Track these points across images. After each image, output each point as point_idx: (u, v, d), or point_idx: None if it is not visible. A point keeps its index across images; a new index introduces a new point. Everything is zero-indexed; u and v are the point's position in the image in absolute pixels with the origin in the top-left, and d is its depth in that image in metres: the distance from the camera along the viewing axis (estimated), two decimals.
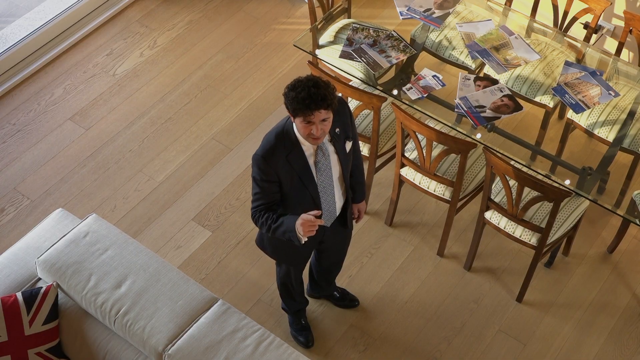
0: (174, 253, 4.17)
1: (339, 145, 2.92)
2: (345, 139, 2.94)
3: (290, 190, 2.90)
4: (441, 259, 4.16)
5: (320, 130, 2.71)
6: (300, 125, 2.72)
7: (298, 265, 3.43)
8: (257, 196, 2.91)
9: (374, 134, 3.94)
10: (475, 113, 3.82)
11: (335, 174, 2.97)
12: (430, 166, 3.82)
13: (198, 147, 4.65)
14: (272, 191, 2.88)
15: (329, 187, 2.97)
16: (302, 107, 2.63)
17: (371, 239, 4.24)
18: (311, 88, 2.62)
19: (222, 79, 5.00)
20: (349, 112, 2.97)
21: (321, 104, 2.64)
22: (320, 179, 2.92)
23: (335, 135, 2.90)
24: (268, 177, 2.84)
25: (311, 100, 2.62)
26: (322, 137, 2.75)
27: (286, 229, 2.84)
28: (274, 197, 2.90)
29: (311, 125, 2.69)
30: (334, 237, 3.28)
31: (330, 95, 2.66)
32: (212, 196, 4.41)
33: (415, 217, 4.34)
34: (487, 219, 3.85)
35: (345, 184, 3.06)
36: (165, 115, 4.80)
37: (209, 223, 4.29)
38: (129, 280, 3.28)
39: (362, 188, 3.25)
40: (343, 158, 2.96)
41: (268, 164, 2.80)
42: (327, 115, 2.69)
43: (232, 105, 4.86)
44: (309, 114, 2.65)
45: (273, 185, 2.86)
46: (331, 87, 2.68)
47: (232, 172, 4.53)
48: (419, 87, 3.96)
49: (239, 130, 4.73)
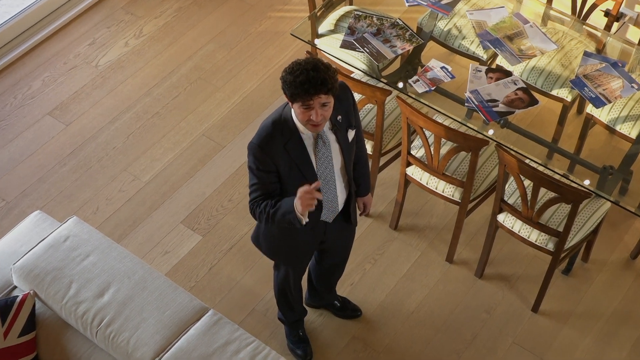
0: (161, 259, 4.17)
1: (340, 134, 2.91)
2: (348, 127, 2.94)
3: (289, 181, 2.90)
4: (450, 266, 4.16)
5: (320, 116, 2.71)
6: (298, 110, 2.71)
7: (296, 265, 3.42)
8: (255, 187, 2.90)
9: (378, 130, 3.93)
10: (487, 107, 3.82)
11: (337, 164, 2.96)
12: (438, 165, 3.82)
13: (187, 144, 4.65)
14: (270, 181, 2.88)
15: (330, 179, 2.96)
16: (300, 91, 2.63)
17: (375, 244, 4.24)
18: (310, 71, 2.62)
19: (214, 70, 5.00)
20: (352, 98, 2.96)
21: (321, 89, 2.64)
22: (321, 169, 2.92)
23: (336, 123, 2.89)
24: (265, 166, 2.84)
25: (310, 84, 2.62)
26: (322, 123, 2.75)
27: (285, 211, 2.83)
28: (272, 187, 2.90)
29: (310, 111, 2.69)
30: (336, 234, 3.26)
31: (331, 78, 2.66)
32: (203, 197, 4.41)
33: (422, 220, 4.33)
34: (500, 222, 3.85)
35: (348, 176, 3.05)
36: (152, 109, 4.80)
37: (199, 226, 4.29)
38: (113, 289, 3.27)
39: (367, 180, 3.24)
40: (345, 148, 2.95)
41: (265, 153, 2.80)
42: (328, 99, 2.69)
43: (225, 99, 4.86)
44: (307, 99, 2.65)
45: (271, 175, 2.86)
46: (332, 70, 2.68)
47: (224, 171, 4.53)
48: (426, 79, 3.95)
49: (232, 126, 4.73)
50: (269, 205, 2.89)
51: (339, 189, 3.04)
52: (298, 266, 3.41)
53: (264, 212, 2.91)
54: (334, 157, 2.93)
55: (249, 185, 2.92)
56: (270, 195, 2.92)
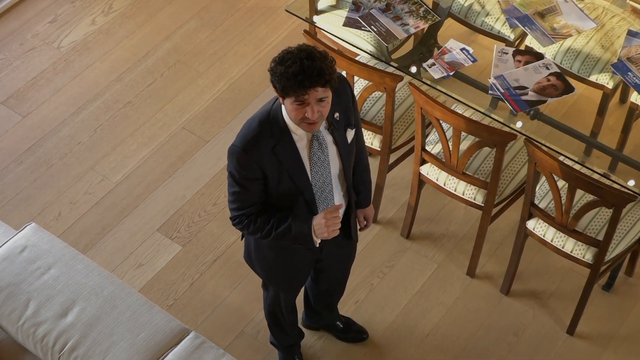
0: (134, 272, 4.17)
1: (338, 134, 2.91)
2: (347, 126, 2.94)
3: (278, 190, 2.89)
4: (472, 280, 4.15)
5: (317, 113, 2.71)
6: (291, 107, 2.71)
7: (291, 292, 3.43)
8: (236, 197, 2.90)
9: (387, 123, 3.93)
10: (514, 96, 3.82)
11: (335, 170, 2.96)
12: (457, 163, 3.81)
13: (165, 138, 4.64)
14: (255, 190, 2.87)
15: (327, 187, 2.96)
16: (293, 84, 2.63)
17: (383, 255, 4.23)
18: (304, 60, 2.62)
19: (195, 52, 4.99)
20: (351, 92, 2.96)
21: (317, 80, 2.63)
22: (316, 176, 2.91)
23: (334, 121, 2.89)
24: (250, 173, 2.83)
25: (304, 75, 2.61)
26: (319, 121, 2.75)
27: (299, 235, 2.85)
28: (258, 198, 2.90)
29: (305, 107, 2.69)
30: (334, 252, 3.28)
31: (329, 68, 2.66)
32: (183, 201, 4.41)
33: (439, 227, 4.33)
34: (530, 229, 3.85)
35: (347, 183, 3.05)
36: (124, 98, 4.80)
37: (178, 235, 4.30)
38: (78, 307, 3.26)
39: (367, 188, 3.25)
40: (344, 150, 2.95)
41: (250, 157, 2.80)
42: (325, 94, 2.69)
43: (208, 87, 4.85)
44: (302, 93, 2.65)
45: (256, 184, 2.86)
46: (329, 59, 2.68)
47: (207, 170, 4.52)
48: (443, 63, 3.95)
49: (217, 118, 4.72)
50: (269, 223, 2.89)
51: (336, 199, 3.04)
52: (292, 291, 3.42)
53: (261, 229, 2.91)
54: (331, 162, 2.93)
55: (229, 193, 2.90)
56: (256, 205, 2.91)
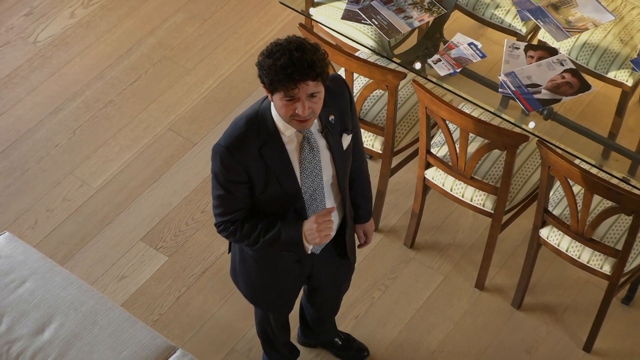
0: (116, 285, 4.17)
1: (333, 138, 2.91)
2: (342, 131, 2.94)
3: (265, 196, 2.89)
4: (481, 293, 4.15)
5: (308, 109, 2.70)
6: (280, 103, 2.70)
7: (277, 312, 3.43)
8: (220, 201, 2.90)
9: (389, 123, 3.92)
10: (526, 94, 3.82)
11: (327, 176, 2.96)
12: (465, 167, 3.81)
13: (149, 140, 4.64)
14: (241, 195, 2.87)
15: (318, 195, 2.95)
16: (282, 78, 2.63)
17: (385, 266, 4.23)
18: (293, 52, 2.62)
19: (183, 48, 4.99)
20: (349, 95, 2.96)
21: (308, 73, 2.63)
22: (306, 182, 2.90)
23: (328, 124, 2.89)
24: (234, 175, 2.83)
25: (294, 68, 2.61)
26: (311, 119, 2.74)
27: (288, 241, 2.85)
28: (244, 202, 2.90)
29: (295, 103, 2.69)
30: (327, 270, 3.26)
31: (320, 61, 2.66)
32: (169, 208, 4.41)
33: (445, 236, 4.33)
34: (544, 238, 3.85)
35: (342, 194, 3.04)
36: (105, 97, 4.80)
37: (164, 244, 4.30)
38: (55, 323, 3.25)
39: (368, 201, 3.24)
40: (338, 156, 2.94)
41: (234, 158, 2.80)
42: (316, 88, 2.68)
43: (196, 85, 4.85)
44: (291, 87, 2.65)
45: (241, 188, 2.86)
46: (321, 51, 2.69)
47: (195, 175, 4.52)
48: (450, 59, 3.97)
49: (206, 118, 4.73)
50: (257, 230, 2.89)
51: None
52: (280, 312, 3.41)
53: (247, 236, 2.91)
54: (323, 167, 2.92)
55: (213, 196, 2.89)
56: (242, 210, 2.89)
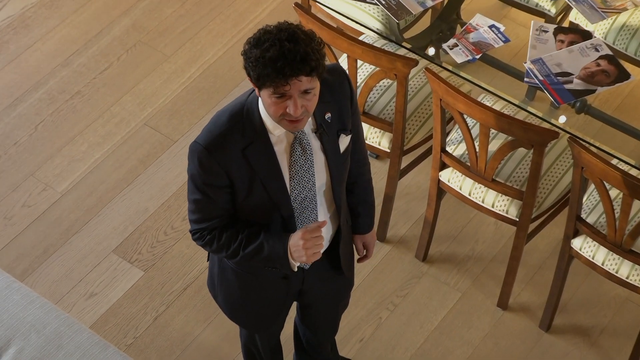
0: (84, 304, 4.17)
1: (328, 139, 2.92)
2: (340, 131, 2.94)
3: (248, 203, 2.90)
4: (504, 313, 4.16)
5: (301, 108, 2.71)
6: (269, 101, 2.71)
7: (261, 332, 3.42)
8: (197, 206, 2.91)
9: (399, 118, 3.92)
10: (556, 84, 3.83)
11: (320, 183, 2.96)
12: (486, 167, 3.82)
13: (122, 137, 4.65)
14: (220, 200, 2.89)
15: (310, 204, 2.96)
16: (271, 72, 2.63)
17: (394, 282, 4.23)
18: (285, 42, 2.63)
19: (160, 31, 5.00)
20: (351, 89, 2.96)
21: (301, 68, 2.64)
22: (296, 189, 2.91)
23: (324, 123, 2.89)
24: (214, 178, 2.85)
25: (285, 61, 2.62)
26: (303, 118, 2.75)
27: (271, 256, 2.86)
28: (223, 210, 2.91)
29: (286, 101, 2.70)
30: (321, 285, 3.27)
31: (315, 53, 2.67)
32: (145, 215, 4.41)
33: (463, 247, 4.33)
34: (576, 249, 3.86)
35: (337, 203, 3.05)
36: (72, 87, 4.81)
37: (139, 257, 4.30)
38: (14, 348, 3.24)
39: (369, 211, 3.26)
40: (334, 160, 2.95)
41: (213, 159, 2.81)
42: (311, 84, 2.69)
43: (176, 73, 4.86)
44: (281, 83, 2.65)
45: (221, 193, 2.87)
46: (316, 40, 2.69)
47: (175, 176, 4.53)
48: (468, 43, 3.97)
49: (187, 112, 4.73)
50: (239, 240, 2.90)
51: (321, 218, 3.04)
52: (262, 330, 3.41)
53: (225, 248, 2.92)
54: (316, 172, 2.92)
55: (189, 200, 2.91)
56: (221, 219, 2.90)
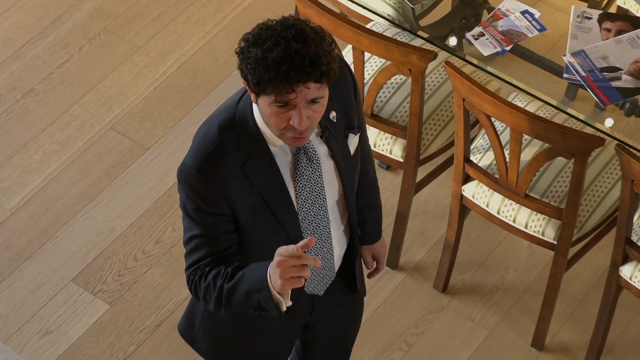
0: (38, 343, 4.16)
1: (336, 142, 2.95)
2: (348, 130, 2.99)
3: (248, 226, 2.93)
4: (540, 354, 4.17)
5: (307, 121, 2.73)
6: (268, 110, 2.72)
7: None
8: (196, 243, 2.93)
9: (414, 121, 3.93)
10: (601, 81, 3.84)
11: (332, 194, 3.00)
12: (518, 181, 3.81)
13: (84, 144, 4.65)
14: (221, 231, 2.91)
15: (321, 221, 3.00)
16: (274, 76, 2.63)
17: (409, 317, 4.24)
18: (292, 42, 2.63)
19: (130, 17, 5.01)
20: (352, 79, 3.00)
21: (311, 72, 2.64)
22: (305, 205, 2.95)
23: (329, 124, 2.92)
24: (211, 205, 2.86)
25: (292, 64, 2.62)
26: (308, 132, 2.77)
27: (251, 287, 2.81)
28: (225, 241, 2.93)
29: (289, 111, 2.70)
30: (332, 312, 3.28)
31: (327, 55, 2.68)
32: (111, 237, 4.41)
33: (491, 275, 4.33)
34: (626, 278, 3.85)
35: (350, 212, 3.09)
36: (23, 85, 4.82)
37: (104, 288, 4.29)
38: None
39: (376, 216, 3.31)
40: (345, 165, 2.99)
41: (209, 182, 2.83)
42: (320, 92, 2.71)
43: (148, 67, 4.87)
44: (286, 90, 2.65)
45: (222, 221, 2.90)
46: (327, 40, 2.70)
47: (148, 191, 4.53)
48: (496, 32, 3.98)
49: (162, 114, 4.74)
50: (221, 275, 2.87)
51: (335, 237, 3.06)
52: None
53: (212, 288, 2.89)
54: (326, 184, 2.96)
55: (185, 239, 2.91)
56: (224, 256, 2.91)
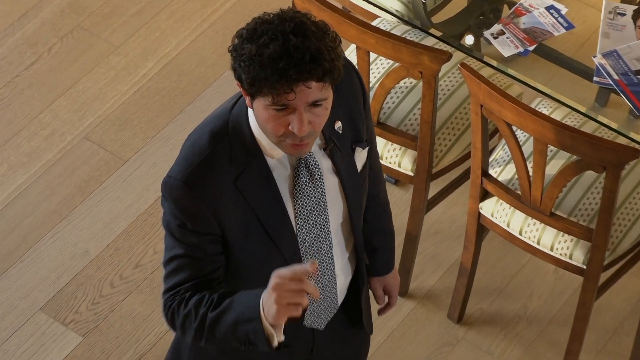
0: None
1: (341, 156, 2.98)
2: (355, 142, 3.02)
3: (240, 249, 2.95)
4: None
5: (308, 127, 2.75)
6: (265, 114, 2.74)
7: None
8: (177, 264, 2.94)
9: (425, 130, 3.94)
10: (636, 85, 3.88)
11: (336, 216, 3.03)
12: (543, 197, 3.81)
13: (55, 155, 4.64)
14: (208, 252, 2.92)
15: (323, 245, 3.02)
16: (271, 74, 2.66)
17: (420, 351, 4.25)
18: (290, 36, 2.65)
19: (106, 13, 5.01)
20: (361, 85, 3.03)
21: (311, 70, 2.67)
22: (305, 226, 2.98)
23: (334, 136, 2.95)
24: (198, 224, 2.88)
25: (290, 61, 2.64)
26: (310, 139, 2.79)
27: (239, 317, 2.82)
28: (210, 264, 2.94)
29: (287, 115, 2.73)
30: (334, 349, 3.30)
31: (330, 50, 2.70)
32: (85, 260, 4.40)
33: (512, 304, 4.34)
34: None
35: (355, 237, 3.11)
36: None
37: (76, 317, 4.29)
38: None
39: (388, 244, 3.35)
40: (351, 183, 3.02)
41: (197, 197, 2.85)
42: (323, 94, 2.73)
43: (127, 69, 4.87)
44: (284, 91, 2.67)
45: (209, 241, 2.91)
46: (331, 34, 2.73)
47: (126, 208, 4.53)
48: (517, 30, 3.99)
49: (142, 122, 4.74)
50: (205, 302, 2.86)
51: (338, 265, 3.08)
52: None
53: (193, 316, 2.88)
54: (329, 203, 2.98)
55: (165, 258, 2.91)
56: (208, 280, 2.93)
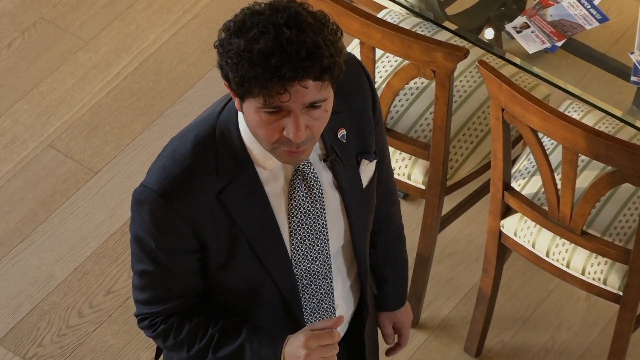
0: None
1: (344, 169, 3.02)
2: (362, 154, 3.05)
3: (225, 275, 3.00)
4: None
5: (306, 132, 2.77)
6: (256, 118, 2.77)
7: None
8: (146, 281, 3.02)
9: (439, 137, 3.95)
10: None
11: (336, 236, 3.07)
12: (572, 214, 3.79)
13: (15, 166, 4.65)
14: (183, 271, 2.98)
15: (321, 270, 3.07)
16: (261, 72, 2.69)
17: None
18: (283, 28, 2.68)
19: (74, 4, 5.02)
20: (372, 88, 3.06)
21: (308, 67, 2.70)
22: (301, 248, 3.01)
23: (336, 145, 2.99)
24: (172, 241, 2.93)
25: (284, 57, 2.67)
26: (308, 146, 2.83)
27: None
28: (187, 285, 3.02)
29: (282, 118, 2.75)
30: None
31: (329, 45, 2.73)
32: (50, 285, 4.42)
33: (539, 335, 4.36)
34: None
35: (359, 263, 3.15)
36: None
37: (40, 351, 4.32)
38: None
39: (400, 274, 3.40)
40: (354, 200, 3.05)
41: (174, 212, 2.89)
42: (322, 94, 2.76)
43: (97, 68, 4.87)
44: (277, 90, 2.69)
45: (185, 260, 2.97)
46: (331, 26, 2.76)
47: (96, 227, 4.55)
48: (544, 24, 3.98)
49: (114, 127, 4.73)
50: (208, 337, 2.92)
51: (339, 293, 3.14)
52: None
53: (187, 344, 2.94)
54: (329, 221, 3.02)
55: (134, 273, 2.98)
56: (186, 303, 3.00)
